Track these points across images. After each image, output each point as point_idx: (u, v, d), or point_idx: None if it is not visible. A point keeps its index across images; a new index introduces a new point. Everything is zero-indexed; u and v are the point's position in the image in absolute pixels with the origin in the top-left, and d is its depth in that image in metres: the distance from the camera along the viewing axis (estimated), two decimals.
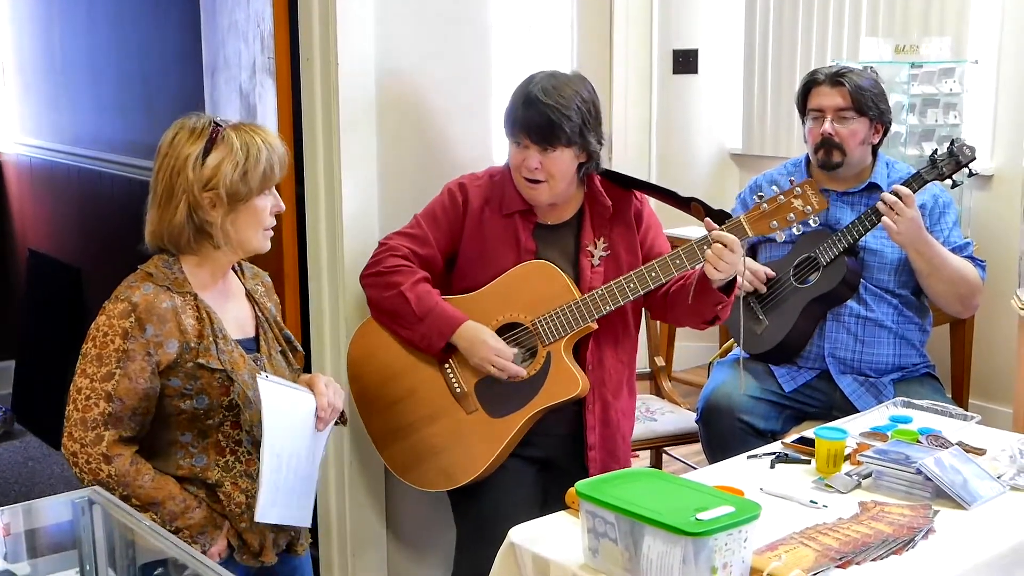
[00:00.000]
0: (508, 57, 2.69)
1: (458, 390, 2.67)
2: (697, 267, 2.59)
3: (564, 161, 2.60)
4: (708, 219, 2.57)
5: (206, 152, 2.12)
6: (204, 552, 2.12)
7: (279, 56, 2.95)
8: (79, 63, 5.07)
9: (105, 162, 4.78)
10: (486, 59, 3.08)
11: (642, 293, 2.61)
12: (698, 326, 2.76)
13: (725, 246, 2.49)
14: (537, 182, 2.62)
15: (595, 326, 2.64)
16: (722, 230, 2.53)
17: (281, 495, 2.23)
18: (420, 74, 2.94)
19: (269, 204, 2.21)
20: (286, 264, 3.01)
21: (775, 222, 2.53)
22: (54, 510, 1.88)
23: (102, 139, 4.86)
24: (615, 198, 2.73)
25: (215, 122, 2.17)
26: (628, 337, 2.77)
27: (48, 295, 5.23)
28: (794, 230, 2.56)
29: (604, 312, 2.61)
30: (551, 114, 2.54)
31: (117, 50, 4.74)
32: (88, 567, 1.85)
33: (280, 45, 2.95)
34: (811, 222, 2.57)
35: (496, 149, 3.05)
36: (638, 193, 2.79)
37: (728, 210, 3.47)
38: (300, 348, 2.40)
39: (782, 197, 2.53)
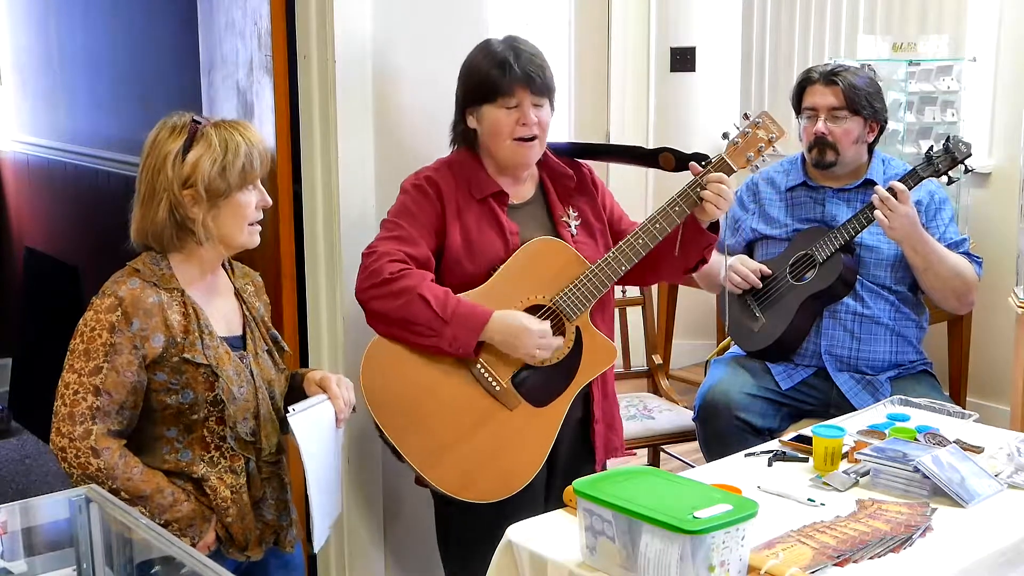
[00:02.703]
0: None
1: (497, 388, 2.54)
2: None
3: (549, 115, 2.61)
4: (693, 163, 2.63)
5: (185, 149, 2.14)
6: (193, 545, 2.13)
7: (276, 54, 2.95)
8: (76, 61, 5.06)
9: (102, 160, 4.77)
10: None
11: (652, 247, 2.60)
12: (678, 278, 2.81)
13: (721, 183, 2.57)
14: (531, 140, 2.58)
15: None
16: (709, 170, 2.59)
17: (326, 514, 2.32)
18: (418, 72, 2.94)
19: (253, 199, 2.21)
20: (283, 262, 3.00)
21: (750, 154, 2.64)
22: (51, 508, 1.88)
23: (99, 137, 4.85)
24: (571, 168, 2.74)
25: (194, 119, 2.18)
26: (609, 302, 2.77)
27: (45, 293, 5.23)
28: (765, 159, 2.69)
29: (620, 274, 2.60)
30: (541, 63, 2.56)
31: (114, 48, 4.74)
32: (85, 565, 1.85)
33: (277, 43, 2.95)
34: (775, 150, 2.71)
35: None
36: (581, 161, 2.79)
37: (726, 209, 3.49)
38: (287, 348, 2.40)
39: (748, 130, 2.64)
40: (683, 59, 5.63)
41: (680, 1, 5.63)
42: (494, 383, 2.54)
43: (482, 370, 2.53)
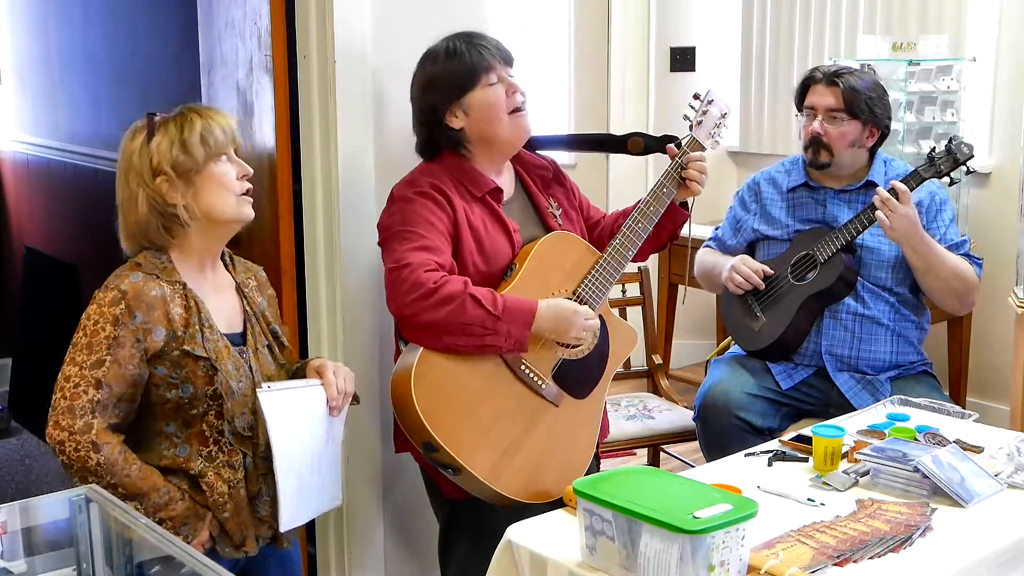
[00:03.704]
0: None
1: (543, 386, 2.52)
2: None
3: None
4: (671, 146, 2.77)
5: (147, 142, 2.18)
6: (187, 543, 2.12)
7: (276, 53, 2.95)
8: (75, 60, 5.06)
9: (102, 160, 4.77)
10: None
11: (650, 229, 2.69)
12: (645, 258, 2.88)
13: (702, 162, 2.73)
14: (523, 109, 2.62)
15: None
16: (686, 150, 2.73)
17: (302, 499, 2.28)
18: None
19: (230, 171, 2.21)
20: (283, 260, 3.01)
21: (712, 130, 2.81)
22: (51, 508, 1.88)
23: (99, 137, 4.85)
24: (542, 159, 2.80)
25: (149, 114, 2.21)
26: None
27: (45, 293, 5.23)
28: (722, 135, 2.84)
29: (629, 259, 2.68)
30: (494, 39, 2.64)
31: (113, 47, 4.74)
32: (84, 565, 1.85)
33: (277, 42, 2.95)
34: (727, 126, 2.85)
35: None
36: (542, 153, 2.85)
37: (725, 209, 3.50)
38: (287, 344, 2.40)
39: (706, 109, 2.80)
40: (683, 59, 5.63)
41: (680, 1, 5.63)
42: (539, 381, 2.53)
43: (526, 370, 2.51)
